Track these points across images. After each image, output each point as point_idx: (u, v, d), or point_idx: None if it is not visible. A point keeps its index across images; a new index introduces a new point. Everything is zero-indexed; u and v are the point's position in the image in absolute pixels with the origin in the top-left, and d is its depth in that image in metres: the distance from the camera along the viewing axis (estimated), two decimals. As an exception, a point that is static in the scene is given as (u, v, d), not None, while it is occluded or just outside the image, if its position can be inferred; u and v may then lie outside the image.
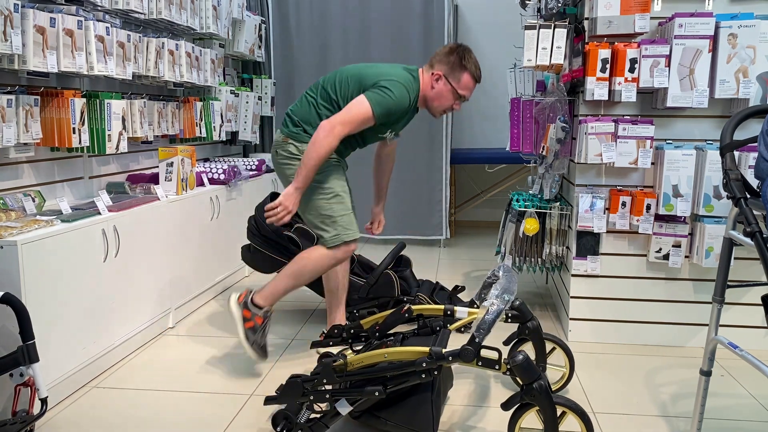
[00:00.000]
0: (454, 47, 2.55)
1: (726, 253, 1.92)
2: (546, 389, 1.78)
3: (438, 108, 2.62)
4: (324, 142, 2.37)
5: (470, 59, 2.54)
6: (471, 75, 2.55)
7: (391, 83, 2.45)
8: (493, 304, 1.85)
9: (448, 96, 2.57)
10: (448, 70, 2.54)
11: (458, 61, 2.52)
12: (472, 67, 2.54)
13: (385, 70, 2.53)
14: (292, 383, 1.99)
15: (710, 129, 2.83)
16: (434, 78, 2.55)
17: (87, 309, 2.49)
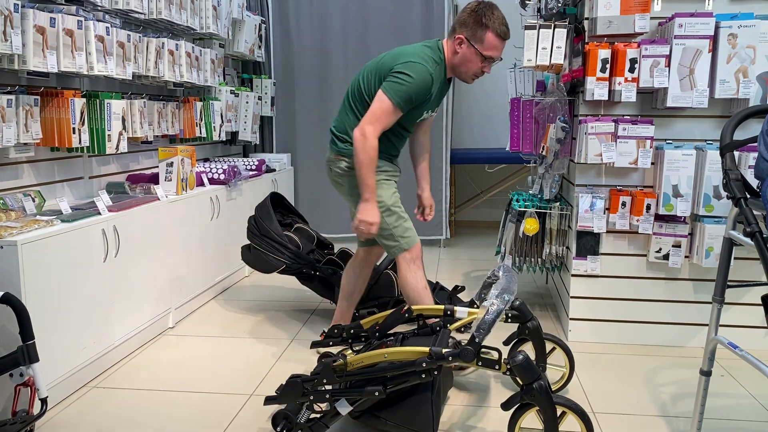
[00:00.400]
0: (474, 6, 2.38)
1: (726, 253, 1.92)
2: (546, 389, 1.78)
3: (466, 73, 2.47)
4: (362, 148, 2.32)
5: (492, 15, 2.35)
6: (495, 33, 2.36)
7: (406, 66, 2.35)
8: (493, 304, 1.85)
9: (473, 59, 2.41)
10: (469, 33, 2.38)
11: (479, 20, 2.35)
12: (495, 24, 2.35)
13: (401, 52, 2.44)
14: (292, 383, 1.99)
15: (710, 129, 2.83)
16: (456, 42, 2.40)
17: (87, 309, 2.49)
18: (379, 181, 2.48)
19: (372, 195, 2.38)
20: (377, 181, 2.46)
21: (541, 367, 2.30)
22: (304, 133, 5.10)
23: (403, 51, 2.44)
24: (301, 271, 3.21)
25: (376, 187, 2.44)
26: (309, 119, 5.07)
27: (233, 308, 3.55)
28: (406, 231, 2.50)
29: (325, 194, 5.13)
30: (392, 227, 2.48)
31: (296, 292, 3.76)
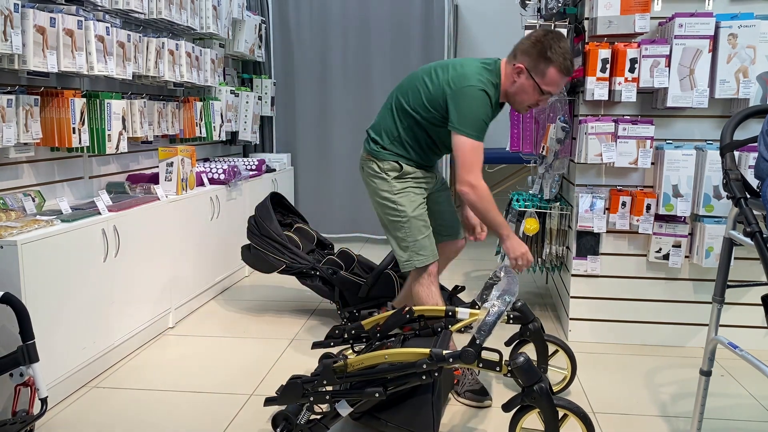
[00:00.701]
0: (540, 36, 2.20)
1: (726, 253, 1.92)
2: (547, 391, 1.78)
3: (521, 104, 2.33)
4: (477, 199, 2.25)
5: (558, 50, 2.17)
6: (558, 69, 2.20)
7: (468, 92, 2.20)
8: (494, 306, 1.84)
9: (531, 92, 2.26)
10: (531, 63, 2.21)
11: (543, 52, 2.18)
12: (559, 59, 2.18)
13: (460, 74, 2.25)
14: (292, 384, 1.99)
15: (710, 129, 2.83)
16: (516, 71, 2.24)
17: (87, 309, 2.49)
18: (406, 189, 2.40)
19: (507, 230, 2.33)
20: (404, 188, 2.40)
21: (543, 368, 2.30)
22: (304, 133, 5.10)
23: (463, 73, 2.25)
24: (301, 271, 3.21)
25: (403, 195, 2.39)
26: (309, 119, 5.07)
27: (233, 308, 3.55)
28: (423, 249, 2.39)
29: (325, 194, 5.13)
30: (411, 240, 2.39)
31: (296, 292, 3.76)
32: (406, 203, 2.39)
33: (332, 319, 3.33)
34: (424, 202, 2.45)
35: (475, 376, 2.41)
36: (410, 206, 2.39)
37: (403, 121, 2.38)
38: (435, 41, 4.83)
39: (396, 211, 2.40)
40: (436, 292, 2.40)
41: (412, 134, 2.38)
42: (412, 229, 2.39)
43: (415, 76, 2.39)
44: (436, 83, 2.29)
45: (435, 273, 2.42)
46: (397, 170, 2.39)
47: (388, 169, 2.40)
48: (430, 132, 2.36)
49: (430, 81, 2.31)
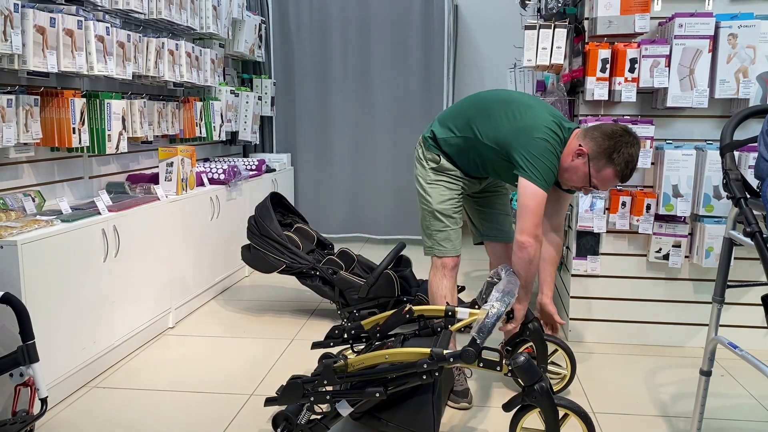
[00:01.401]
0: (616, 133, 2.13)
1: (726, 253, 1.92)
2: (547, 391, 1.78)
3: (566, 181, 2.24)
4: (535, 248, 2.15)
5: (625, 155, 2.11)
6: (615, 172, 2.14)
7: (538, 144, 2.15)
8: (494, 306, 1.85)
9: (581, 177, 2.18)
10: (594, 153, 2.13)
11: (610, 150, 2.11)
12: (620, 165, 2.12)
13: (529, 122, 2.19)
14: (292, 384, 1.99)
15: (710, 129, 2.83)
16: (578, 152, 2.16)
17: (87, 309, 2.49)
18: (438, 182, 2.39)
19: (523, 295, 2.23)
20: (437, 180, 2.39)
21: (542, 368, 2.30)
22: (304, 133, 5.10)
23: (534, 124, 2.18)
24: (301, 271, 3.21)
25: (434, 186, 2.39)
26: (309, 119, 5.07)
27: (233, 308, 3.55)
28: (445, 241, 2.40)
29: (325, 194, 5.13)
30: (434, 229, 2.41)
31: (296, 292, 3.76)
32: (434, 195, 2.40)
33: (332, 319, 3.33)
34: (458, 198, 2.41)
35: (465, 377, 2.41)
36: (437, 198, 2.39)
37: (462, 131, 2.34)
38: (435, 41, 4.83)
39: (424, 199, 2.43)
40: (448, 286, 2.41)
41: (465, 145, 2.35)
42: (433, 220, 2.42)
43: (494, 103, 2.31)
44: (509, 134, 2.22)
45: (451, 267, 2.42)
46: (436, 162, 2.39)
47: (429, 158, 2.42)
48: (483, 152, 2.32)
49: (505, 118, 2.25)
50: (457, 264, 2.43)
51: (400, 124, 4.96)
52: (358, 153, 5.06)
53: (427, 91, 4.91)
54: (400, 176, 5.01)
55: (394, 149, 4.99)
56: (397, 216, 5.06)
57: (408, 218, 5.05)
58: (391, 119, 4.97)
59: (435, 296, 2.42)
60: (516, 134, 2.19)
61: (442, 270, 2.42)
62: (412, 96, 4.92)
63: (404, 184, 5.01)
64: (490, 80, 5.51)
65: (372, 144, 5.02)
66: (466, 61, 5.44)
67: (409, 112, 4.95)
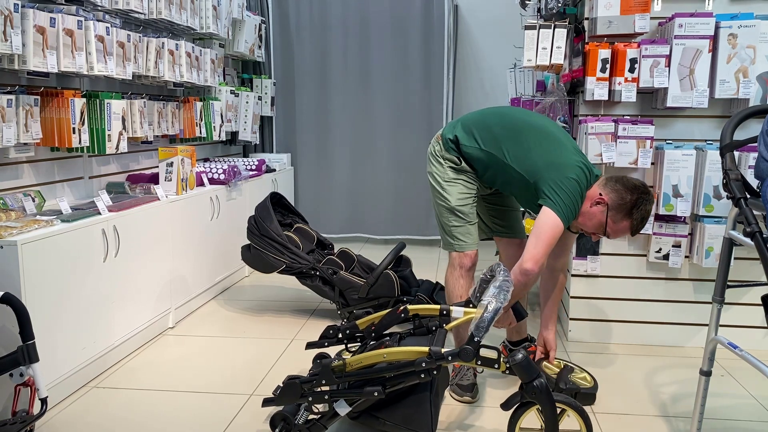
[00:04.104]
0: (639, 188, 2.20)
1: (726, 253, 1.92)
2: (546, 387, 1.78)
3: (580, 225, 2.29)
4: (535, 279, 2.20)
5: (641, 211, 2.20)
6: (630, 226, 2.23)
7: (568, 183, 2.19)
8: (491, 303, 1.84)
9: (596, 224, 2.24)
10: (614, 204, 2.20)
11: (630, 205, 2.19)
12: (637, 220, 2.21)
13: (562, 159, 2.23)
14: (290, 384, 1.99)
15: (710, 129, 2.83)
16: (598, 200, 2.22)
17: (87, 309, 2.49)
18: (457, 180, 2.40)
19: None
20: (456, 179, 2.39)
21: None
22: (304, 133, 5.10)
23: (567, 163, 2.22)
24: (301, 271, 3.21)
25: (452, 184, 2.39)
26: (309, 119, 5.07)
27: (233, 308, 3.55)
28: (463, 236, 2.41)
29: (325, 194, 5.13)
30: (451, 225, 2.41)
31: (296, 292, 3.76)
32: (453, 193, 2.40)
33: (332, 319, 3.33)
34: (475, 197, 2.43)
35: (473, 372, 2.42)
36: (456, 196, 2.40)
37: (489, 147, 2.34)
38: (435, 41, 4.83)
39: (441, 197, 2.42)
40: (464, 285, 2.41)
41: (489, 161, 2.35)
42: (452, 217, 2.41)
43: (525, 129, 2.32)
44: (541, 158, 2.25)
45: (468, 267, 2.42)
46: (456, 164, 2.39)
47: (448, 158, 2.41)
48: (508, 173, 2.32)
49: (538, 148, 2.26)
50: (474, 262, 2.44)
51: (400, 124, 4.97)
52: (358, 153, 5.06)
53: (427, 91, 4.91)
54: (400, 176, 5.01)
55: (394, 149, 4.99)
56: (397, 216, 5.06)
57: (408, 218, 5.05)
58: (391, 119, 4.97)
59: (451, 295, 2.44)
60: (548, 168, 2.22)
61: (459, 270, 2.43)
62: (412, 96, 4.92)
63: (404, 184, 5.01)
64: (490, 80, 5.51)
65: (372, 144, 5.02)
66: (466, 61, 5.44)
67: (409, 112, 4.95)
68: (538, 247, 2.16)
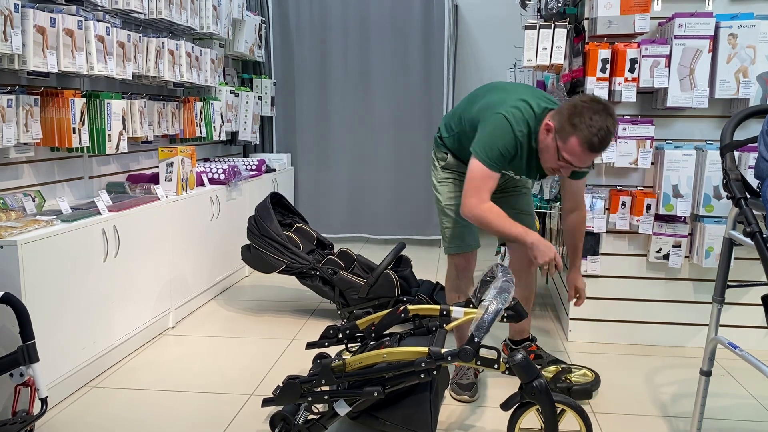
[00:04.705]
0: (578, 100, 2.02)
1: (726, 253, 1.92)
2: (546, 387, 1.78)
3: (544, 163, 2.15)
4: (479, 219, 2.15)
5: (589, 120, 1.96)
6: (580, 141, 1.98)
7: (493, 118, 2.12)
8: (492, 304, 1.84)
9: (552, 154, 2.08)
10: (559, 124, 2.03)
11: (571, 117, 1.99)
12: (584, 131, 1.96)
13: (497, 99, 2.17)
14: (289, 384, 1.99)
15: (710, 129, 2.83)
16: (545, 128, 2.08)
17: (87, 309, 2.49)
18: (447, 179, 2.42)
19: (531, 236, 2.10)
20: (446, 178, 2.42)
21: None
22: (304, 133, 5.10)
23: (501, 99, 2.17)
24: (301, 271, 3.21)
25: (443, 184, 2.42)
26: (309, 119, 5.07)
27: (233, 308, 3.55)
28: (454, 238, 2.40)
29: (325, 194, 5.13)
30: (444, 227, 2.43)
31: (296, 292, 3.76)
32: (443, 192, 2.43)
33: (332, 319, 3.33)
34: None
35: (473, 372, 2.42)
36: (445, 195, 2.43)
37: (457, 126, 2.36)
38: (435, 41, 4.83)
39: (436, 198, 2.47)
40: (461, 287, 2.41)
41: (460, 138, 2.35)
42: (443, 217, 2.44)
43: (480, 91, 2.35)
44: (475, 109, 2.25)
45: (463, 268, 2.42)
46: (444, 160, 2.42)
47: (440, 158, 2.45)
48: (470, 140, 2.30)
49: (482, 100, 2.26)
50: (469, 264, 2.43)
51: (400, 124, 4.97)
52: (358, 153, 5.06)
53: (427, 91, 4.91)
54: (401, 176, 5.01)
55: (394, 149, 4.99)
56: (397, 216, 5.06)
57: (408, 218, 5.05)
58: (391, 119, 4.97)
59: (448, 297, 2.45)
60: (482, 111, 2.19)
61: (455, 271, 2.44)
62: (412, 96, 4.92)
63: (404, 184, 5.01)
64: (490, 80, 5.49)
65: (372, 144, 5.02)
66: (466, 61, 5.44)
67: (409, 112, 4.95)
68: (465, 193, 2.14)
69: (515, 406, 1.86)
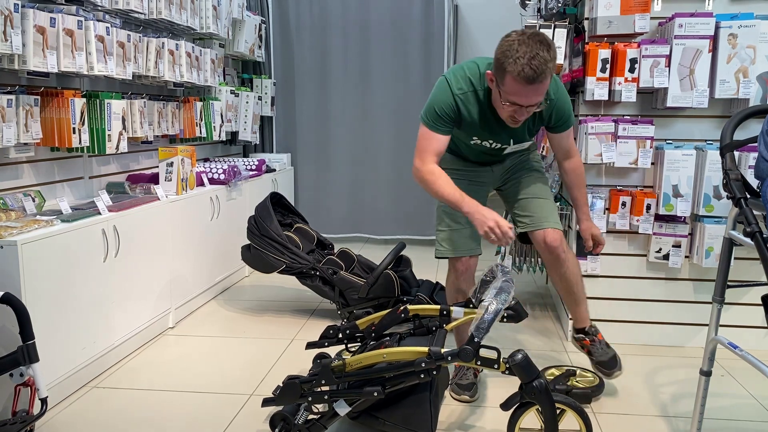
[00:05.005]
0: (503, 40, 1.96)
1: (726, 253, 1.92)
2: (546, 387, 1.78)
3: (502, 115, 2.08)
4: (419, 179, 2.17)
5: (515, 54, 1.88)
6: (513, 76, 1.90)
7: (437, 83, 2.17)
8: (492, 304, 1.85)
9: (498, 102, 2.03)
10: (495, 72, 1.98)
11: (500, 60, 1.94)
12: (515, 66, 1.88)
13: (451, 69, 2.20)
14: (289, 384, 1.99)
15: (710, 129, 2.83)
16: (489, 77, 2.04)
17: (87, 309, 2.49)
18: None
19: (468, 206, 2.06)
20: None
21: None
22: (304, 133, 5.10)
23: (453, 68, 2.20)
24: (301, 271, 3.21)
25: None
26: (309, 119, 5.07)
27: (233, 308, 3.55)
28: (445, 241, 2.36)
29: (325, 194, 5.13)
30: (438, 230, 2.40)
31: (296, 292, 3.76)
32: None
33: (332, 319, 3.33)
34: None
35: (473, 372, 2.42)
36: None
37: None
38: (435, 41, 4.83)
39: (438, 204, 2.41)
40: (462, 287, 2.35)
41: None
42: (438, 222, 2.41)
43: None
44: None
45: (462, 271, 2.35)
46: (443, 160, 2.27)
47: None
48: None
49: None
50: (467, 268, 2.35)
51: (400, 124, 4.96)
52: (358, 153, 5.06)
53: (427, 91, 4.86)
54: (401, 176, 5.00)
55: (394, 149, 4.99)
56: (397, 216, 5.06)
57: (408, 218, 5.05)
58: (391, 119, 4.97)
59: (448, 297, 2.44)
60: None
61: (453, 273, 2.40)
62: (412, 96, 4.92)
63: (404, 184, 5.01)
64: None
65: (372, 144, 5.02)
66: (467, 61, 5.43)
67: (409, 112, 4.94)
68: (414, 155, 2.18)
69: (515, 406, 1.86)
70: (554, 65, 1.94)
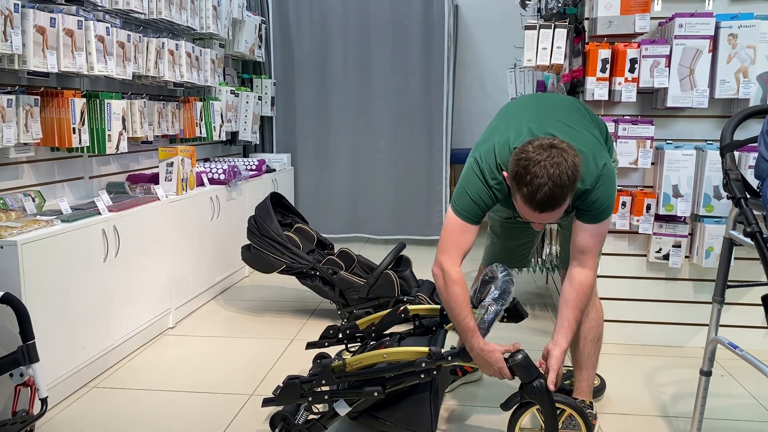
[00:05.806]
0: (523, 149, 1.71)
1: (726, 253, 1.92)
2: (545, 387, 1.78)
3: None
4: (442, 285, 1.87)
5: (530, 175, 1.65)
6: (523, 200, 1.70)
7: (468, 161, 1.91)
8: (492, 304, 1.85)
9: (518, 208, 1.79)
10: (510, 178, 1.75)
11: (514, 172, 1.70)
12: (524, 190, 1.67)
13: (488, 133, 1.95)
14: (290, 384, 1.99)
15: (710, 129, 2.83)
16: (506, 178, 1.80)
17: (87, 309, 2.49)
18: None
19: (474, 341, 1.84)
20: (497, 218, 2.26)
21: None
22: (304, 133, 5.10)
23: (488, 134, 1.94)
24: (301, 271, 3.21)
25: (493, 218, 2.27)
26: (309, 119, 5.07)
27: (233, 308, 3.55)
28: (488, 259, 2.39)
29: (325, 194, 5.13)
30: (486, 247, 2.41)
31: (296, 292, 3.76)
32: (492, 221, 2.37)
33: (332, 319, 3.33)
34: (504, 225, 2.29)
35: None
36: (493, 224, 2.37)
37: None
38: (435, 42, 4.83)
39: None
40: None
41: None
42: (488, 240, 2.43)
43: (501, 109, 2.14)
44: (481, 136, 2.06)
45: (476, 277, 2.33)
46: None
47: None
48: None
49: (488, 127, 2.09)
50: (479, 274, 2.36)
51: (400, 124, 4.97)
52: (358, 153, 5.06)
53: (427, 91, 4.91)
54: (400, 176, 5.01)
55: (394, 149, 4.99)
56: (397, 216, 5.06)
57: (408, 218, 5.05)
58: (391, 119, 4.97)
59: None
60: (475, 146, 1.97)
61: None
62: (412, 96, 4.92)
63: (404, 184, 5.01)
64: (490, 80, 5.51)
65: (372, 144, 5.02)
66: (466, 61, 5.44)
67: (409, 112, 4.95)
68: (438, 249, 1.89)
69: (515, 406, 1.86)
70: (574, 186, 1.71)
